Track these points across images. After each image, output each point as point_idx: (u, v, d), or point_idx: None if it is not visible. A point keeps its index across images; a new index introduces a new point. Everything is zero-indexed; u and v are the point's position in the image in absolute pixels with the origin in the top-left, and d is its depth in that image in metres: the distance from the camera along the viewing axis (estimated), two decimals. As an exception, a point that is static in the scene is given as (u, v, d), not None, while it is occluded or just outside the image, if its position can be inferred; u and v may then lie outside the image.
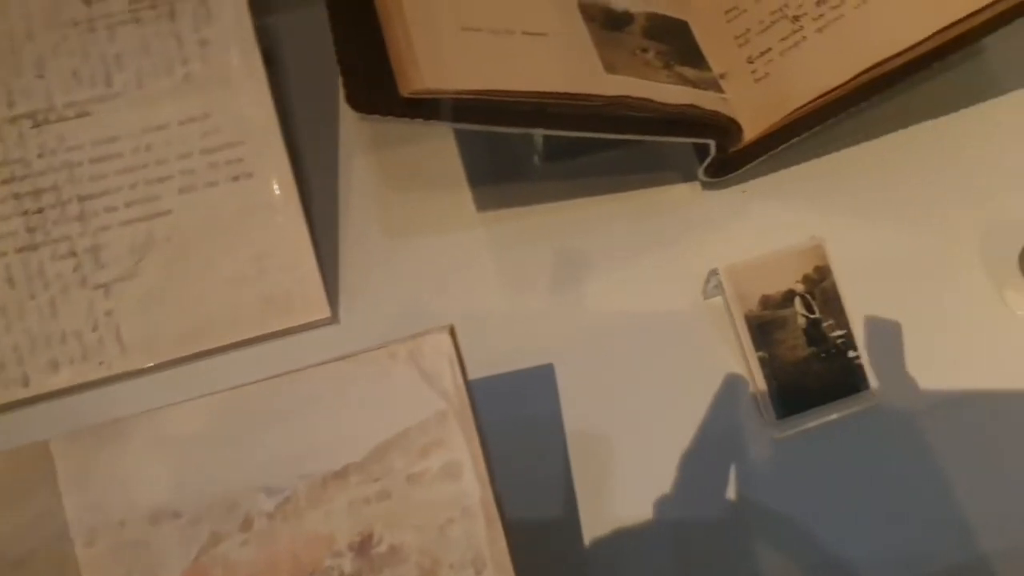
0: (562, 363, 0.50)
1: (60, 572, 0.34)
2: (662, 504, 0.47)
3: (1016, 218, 0.52)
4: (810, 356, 0.48)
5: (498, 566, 0.34)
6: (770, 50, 0.51)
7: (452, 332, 0.36)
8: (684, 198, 0.54)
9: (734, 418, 0.49)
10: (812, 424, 0.48)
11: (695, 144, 0.52)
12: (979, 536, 0.46)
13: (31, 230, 0.48)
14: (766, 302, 0.48)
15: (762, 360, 0.47)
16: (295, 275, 0.50)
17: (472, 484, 0.35)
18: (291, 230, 0.50)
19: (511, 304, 0.51)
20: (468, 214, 0.53)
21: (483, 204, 0.54)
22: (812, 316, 0.48)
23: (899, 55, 0.47)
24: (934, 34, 0.46)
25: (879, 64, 0.47)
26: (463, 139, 0.55)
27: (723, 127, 0.49)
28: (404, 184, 0.54)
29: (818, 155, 0.54)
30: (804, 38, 0.50)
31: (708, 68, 0.52)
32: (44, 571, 0.34)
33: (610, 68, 0.46)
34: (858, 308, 0.49)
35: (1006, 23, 0.46)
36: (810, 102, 0.49)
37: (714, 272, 0.48)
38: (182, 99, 0.50)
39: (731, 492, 0.47)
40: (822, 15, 0.50)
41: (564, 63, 0.45)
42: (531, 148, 0.54)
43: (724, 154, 0.51)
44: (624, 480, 0.47)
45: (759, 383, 0.47)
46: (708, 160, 0.51)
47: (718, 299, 0.50)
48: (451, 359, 0.35)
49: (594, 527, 0.47)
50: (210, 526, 0.35)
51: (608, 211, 0.53)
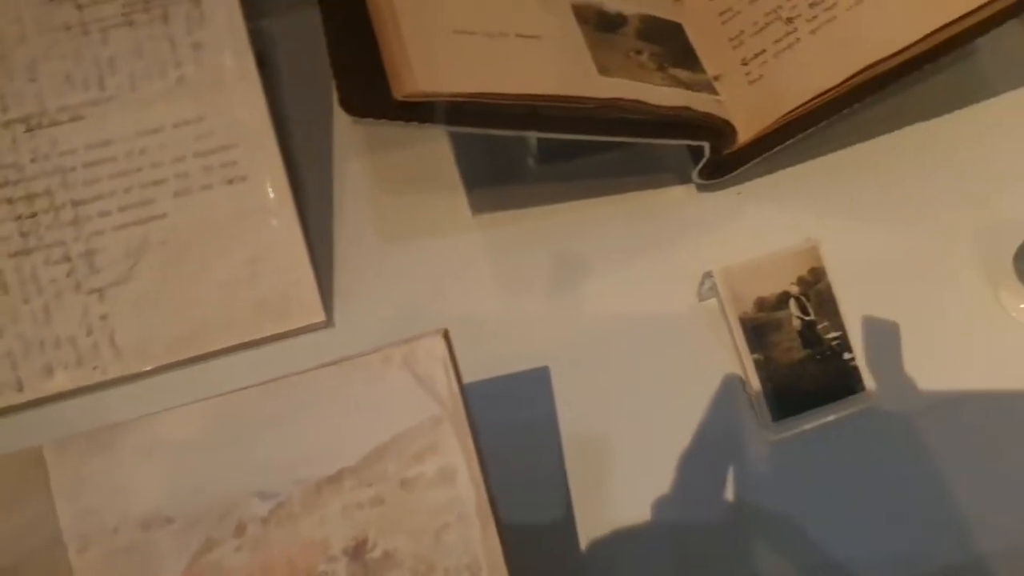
0: (558, 366, 0.50)
1: (53, 579, 0.34)
2: (658, 506, 0.47)
3: (1010, 219, 0.52)
4: (805, 358, 0.48)
5: (494, 571, 0.34)
6: (764, 52, 0.51)
7: (446, 336, 0.36)
8: (679, 200, 0.54)
9: (730, 420, 0.48)
10: (808, 426, 0.48)
11: (690, 146, 0.52)
12: (976, 536, 0.46)
13: (24, 235, 0.48)
14: (761, 304, 0.48)
15: (757, 362, 0.47)
16: (290, 279, 0.50)
17: (467, 488, 0.35)
18: (285, 233, 0.50)
19: (506, 307, 0.51)
20: (463, 217, 0.53)
21: (478, 207, 0.54)
22: (807, 318, 0.48)
23: (892, 57, 0.47)
24: (927, 36, 0.46)
25: (873, 65, 0.47)
26: (458, 142, 0.55)
27: (717, 129, 0.49)
28: (399, 187, 0.54)
29: (812, 157, 0.54)
30: (798, 40, 0.50)
31: (702, 70, 0.52)
32: (37, 578, 0.34)
33: (604, 70, 0.46)
34: (853, 310, 0.49)
35: (998, 25, 0.46)
36: (804, 104, 0.49)
37: (708, 274, 0.48)
38: (175, 102, 0.50)
39: (728, 494, 0.47)
40: (816, 17, 0.50)
41: (558, 65, 0.45)
42: (526, 150, 0.54)
43: (719, 156, 0.51)
44: (620, 483, 0.47)
45: (754, 385, 0.47)
46: (703, 162, 0.51)
47: (713, 301, 0.50)
48: (445, 363, 0.35)
49: (590, 530, 0.46)
50: (204, 532, 0.35)
51: (603, 213, 0.53)
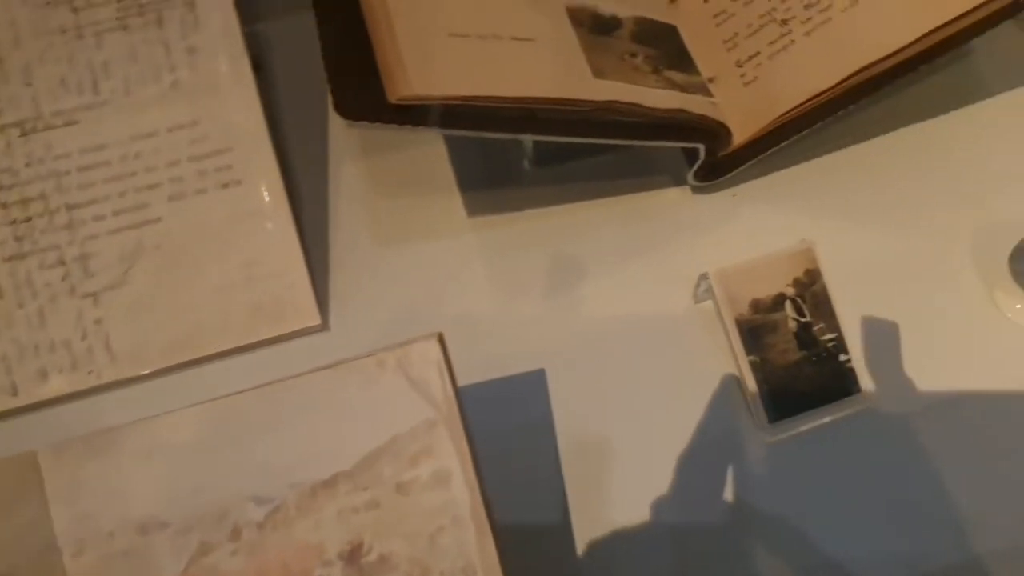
0: (554, 368, 0.50)
1: (48, 584, 0.34)
2: (656, 508, 0.47)
3: (1006, 219, 0.52)
4: (801, 360, 0.48)
5: (489, 574, 0.34)
6: (759, 54, 0.51)
7: (441, 339, 0.36)
8: (674, 202, 0.54)
9: (727, 422, 0.48)
10: (804, 428, 0.48)
11: (685, 148, 0.52)
12: (973, 536, 0.46)
13: (19, 239, 0.48)
14: (756, 306, 0.48)
15: (753, 364, 0.47)
16: (285, 282, 0.50)
17: (462, 492, 0.34)
18: (281, 237, 0.50)
19: (503, 309, 0.51)
20: (458, 219, 0.53)
21: (473, 209, 0.54)
22: (803, 320, 0.48)
23: (887, 58, 0.47)
24: (922, 37, 0.46)
25: (867, 67, 0.48)
26: (453, 145, 0.55)
27: (712, 131, 0.49)
28: (394, 190, 0.54)
29: (808, 158, 0.54)
30: (792, 42, 0.50)
31: (697, 72, 0.52)
32: (32, 583, 0.34)
33: (598, 73, 0.46)
34: (849, 311, 0.49)
35: (993, 25, 0.46)
36: (799, 105, 0.49)
37: (704, 276, 0.48)
38: (170, 106, 0.50)
39: (725, 496, 0.47)
40: (810, 19, 0.50)
41: (552, 68, 0.45)
42: (521, 153, 0.54)
43: (714, 158, 0.51)
44: (617, 485, 0.47)
45: (750, 387, 0.47)
46: (698, 164, 0.51)
47: (709, 303, 0.50)
48: (440, 366, 0.35)
49: (587, 532, 0.46)
50: (199, 536, 0.35)
51: (599, 215, 0.53)
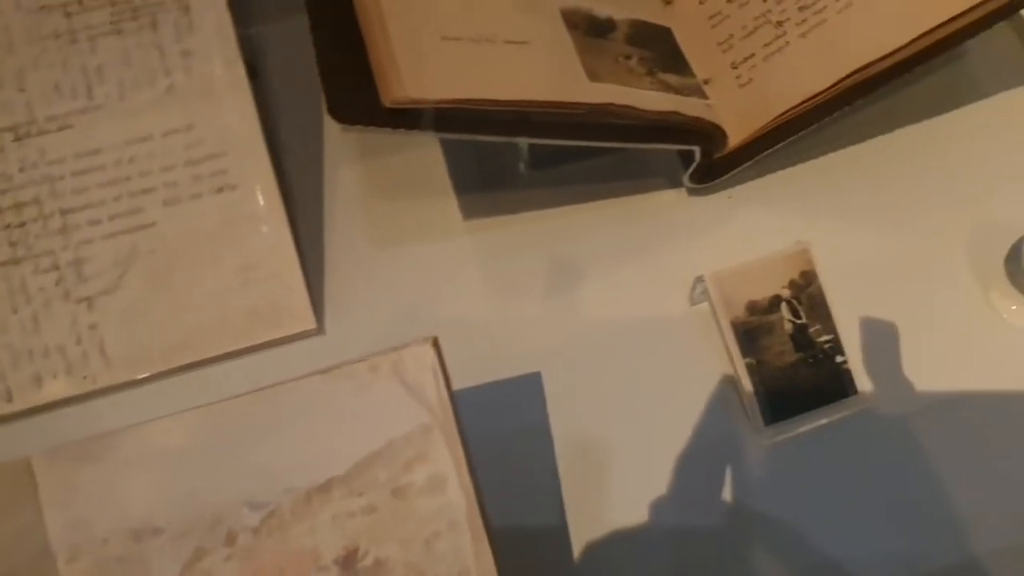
0: (550, 371, 0.50)
1: (42, 590, 0.34)
2: (653, 511, 0.47)
3: (1001, 220, 0.52)
4: (797, 362, 0.47)
5: (484, 578, 0.34)
6: (753, 55, 0.51)
7: (435, 343, 0.36)
8: (670, 204, 0.54)
9: (724, 424, 0.48)
10: (801, 430, 0.48)
11: (680, 150, 0.52)
12: (970, 536, 0.46)
13: (13, 244, 0.48)
14: (752, 308, 0.48)
15: (749, 366, 0.47)
16: (280, 286, 0.49)
17: (457, 497, 0.34)
18: (276, 241, 0.50)
19: (498, 312, 0.51)
20: (454, 222, 0.53)
21: (469, 212, 0.53)
22: (799, 321, 0.48)
23: (882, 59, 0.47)
24: (916, 38, 0.46)
25: (862, 68, 0.47)
26: (448, 148, 0.55)
27: (707, 133, 0.49)
28: (390, 193, 0.54)
29: (803, 160, 0.54)
30: (787, 43, 0.50)
31: (692, 74, 0.52)
32: (26, 589, 0.34)
33: (593, 76, 0.46)
34: (845, 313, 0.48)
35: (988, 27, 0.46)
36: (794, 107, 0.49)
37: (700, 279, 0.48)
38: (165, 111, 0.50)
39: (722, 498, 0.47)
40: (805, 20, 0.50)
41: (547, 71, 0.45)
42: (517, 156, 0.54)
43: (709, 160, 0.51)
44: (613, 488, 0.47)
45: (747, 389, 0.47)
46: (693, 166, 0.51)
47: (705, 305, 0.50)
48: (435, 371, 0.35)
49: (584, 536, 0.46)
50: (194, 541, 0.35)
51: (594, 218, 0.53)
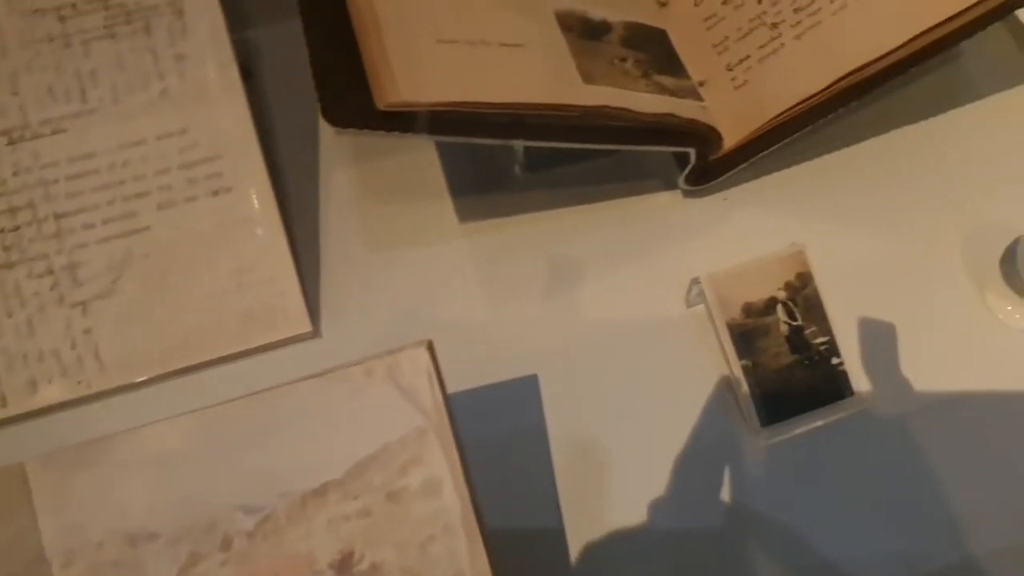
0: (546, 373, 0.49)
1: (36, 596, 0.34)
2: (649, 514, 0.47)
3: (996, 221, 0.52)
4: (793, 363, 0.47)
5: (480, 582, 0.34)
6: (749, 57, 0.51)
7: (430, 347, 0.36)
8: (665, 206, 0.54)
9: (721, 426, 0.48)
10: (797, 431, 0.48)
11: (675, 152, 0.52)
12: (968, 536, 0.46)
13: (7, 248, 0.48)
14: (748, 310, 0.48)
15: (745, 368, 0.47)
16: (276, 290, 0.49)
17: (453, 500, 0.34)
18: (271, 244, 0.50)
19: (494, 315, 0.51)
20: (450, 225, 0.53)
21: (464, 215, 0.53)
22: (795, 323, 0.48)
23: (877, 61, 0.47)
24: (912, 39, 0.46)
25: (857, 70, 0.47)
26: (444, 150, 0.55)
27: (702, 135, 0.49)
28: (385, 196, 0.54)
29: (798, 161, 0.54)
30: (782, 45, 0.50)
31: (687, 76, 0.52)
32: (20, 595, 0.34)
33: (588, 78, 0.46)
34: (841, 314, 0.48)
35: (983, 27, 0.46)
36: (789, 109, 0.49)
37: (696, 280, 0.48)
38: (159, 114, 0.50)
39: (720, 500, 0.47)
40: (800, 22, 0.50)
41: (541, 74, 0.45)
42: (512, 158, 0.54)
43: (704, 162, 0.51)
44: (610, 490, 0.47)
45: (743, 391, 0.47)
46: (688, 168, 0.51)
47: (701, 307, 0.50)
48: (429, 374, 0.35)
49: (580, 538, 0.46)
50: (189, 546, 0.34)
51: (590, 220, 0.53)
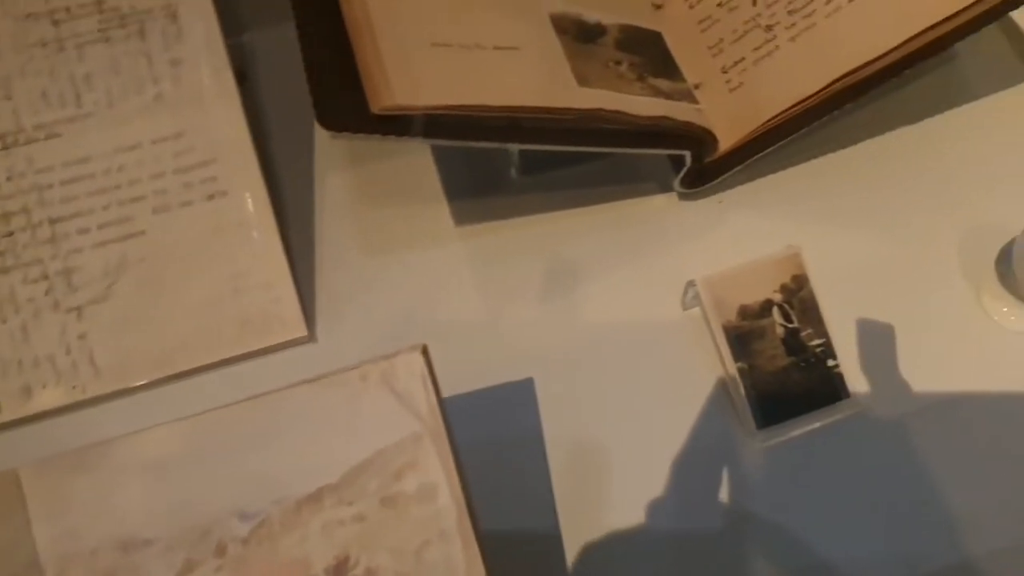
0: (542, 376, 0.49)
1: (30, 603, 0.34)
2: (647, 516, 0.47)
3: (992, 222, 0.52)
4: (789, 366, 0.47)
5: (476, 587, 0.34)
6: (744, 59, 0.51)
7: (425, 351, 0.35)
8: (661, 209, 0.54)
9: (718, 428, 0.48)
10: (793, 434, 0.48)
11: (671, 155, 0.52)
12: (965, 537, 0.46)
13: (1, 254, 0.48)
14: (744, 312, 0.47)
15: (741, 371, 0.47)
16: (271, 294, 0.49)
17: (448, 505, 0.34)
18: (267, 248, 0.50)
19: (490, 318, 0.51)
20: (445, 229, 0.53)
21: (460, 218, 0.53)
22: (790, 326, 0.48)
23: (872, 62, 0.47)
24: (906, 41, 0.46)
25: (852, 72, 0.47)
26: (440, 154, 0.55)
27: (697, 138, 0.49)
28: (381, 200, 0.54)
29: (794, 163, 0.54)
30: (777, 47, 0.50)
31: (682, 79, 0.52)
32: (14, 602, 0.34)
33: (583, 81, 0.46)
34: (836, 316, 0.48)
35: (977, 29, 0.46)
36: (785, 111, 0.49)
37: (691, 283, 0.48)
38: (154, 118, 0.50)
39: (718, 502, 0.47)
40: (795, 24, 0.50)
41: (536, 77, 0.45)
42: (507, 162, 0.54)
43: (700, 164, 0.51)
44: (606, 493, 0.47)
45: (739, 393, 0.47)
46: (684, 171, 0.51)
47: (697, 309, 0.50)
48: (424, 379, 0.35)
49: (577, 542, 0.46)
50: (184, 553, 0.34)
51: (585, 223, 0.53)
